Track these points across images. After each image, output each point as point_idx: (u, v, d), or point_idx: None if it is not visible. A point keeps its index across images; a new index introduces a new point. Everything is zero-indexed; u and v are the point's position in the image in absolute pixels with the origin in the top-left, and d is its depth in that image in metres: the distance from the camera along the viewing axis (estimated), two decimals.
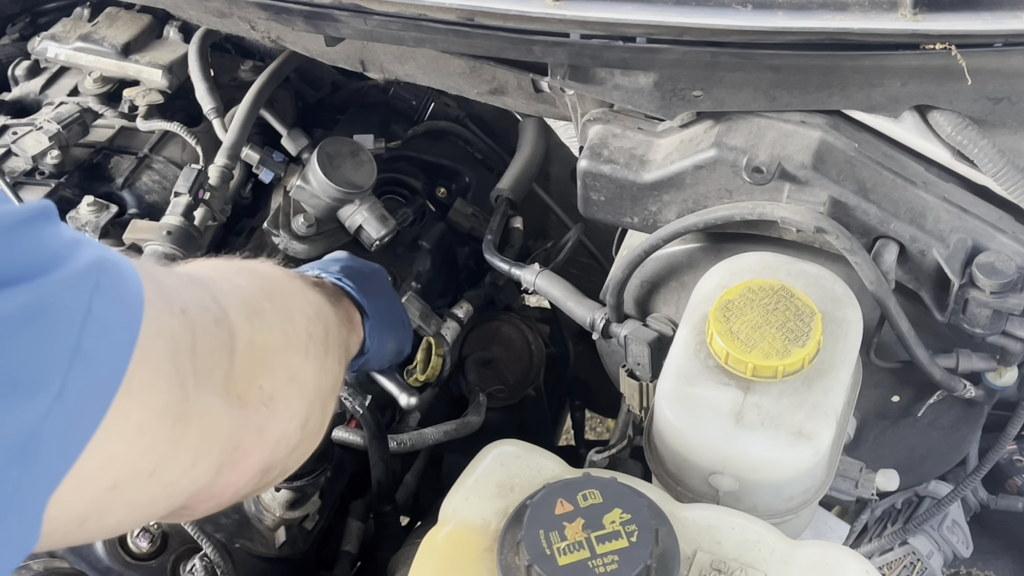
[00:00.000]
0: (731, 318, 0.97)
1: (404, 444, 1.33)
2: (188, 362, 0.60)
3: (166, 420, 0.58)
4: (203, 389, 0.62)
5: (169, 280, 0.64)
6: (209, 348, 0.64)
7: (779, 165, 1.04)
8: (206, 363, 0.63)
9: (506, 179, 1.57)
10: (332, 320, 0.88)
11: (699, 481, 0.98)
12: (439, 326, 1.44)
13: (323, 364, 0.81)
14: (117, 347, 0.55)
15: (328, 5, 1.09)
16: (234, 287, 0.74)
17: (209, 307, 0.66)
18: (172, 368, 0.59)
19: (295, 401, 0.75)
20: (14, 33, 1.69)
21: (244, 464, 0.69)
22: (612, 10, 0.99)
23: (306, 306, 0.83)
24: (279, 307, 0.78)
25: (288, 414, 0.73)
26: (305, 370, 0.77)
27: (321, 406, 0.80)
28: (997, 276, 1.02)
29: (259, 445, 0.70)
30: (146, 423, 0.56)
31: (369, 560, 1.37)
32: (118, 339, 0.55)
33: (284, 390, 0.73)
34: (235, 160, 1.41)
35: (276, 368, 0.73)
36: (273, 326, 0.75)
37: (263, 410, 0.70)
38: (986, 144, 1.01)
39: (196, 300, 0.65)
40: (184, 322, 0.61)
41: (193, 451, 0.62)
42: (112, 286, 0.55)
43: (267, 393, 0.70)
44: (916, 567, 1.40)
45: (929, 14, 0.94)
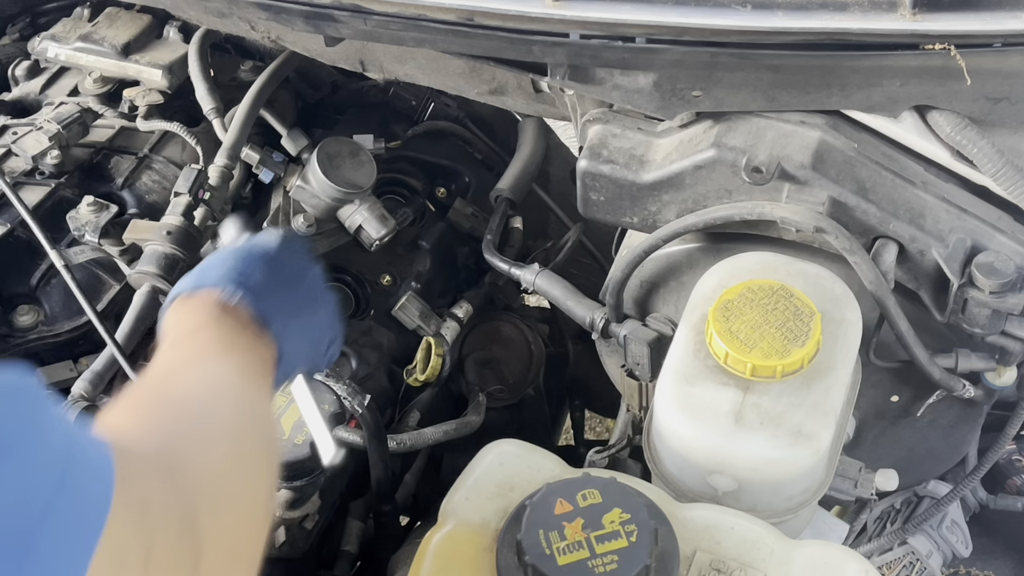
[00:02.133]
0: (730, 318, 0.97)
1: (404, 444, 1.33)
2: (137, 570, 0.55)
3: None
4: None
5: (138, 480, 0.58)
6: (167, 561, 0.58)
7: (778, 165, 1.04)
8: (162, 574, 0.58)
9: (506, 179, 1.58)
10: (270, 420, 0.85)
11: (698, 481, 0.98)
12: (439, 326, 1.44)
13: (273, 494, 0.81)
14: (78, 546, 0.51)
15: (328, 5, 1.09)
16: (209, 471, 0.68)
17: (177, 517, 0.61)
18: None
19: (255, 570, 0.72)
20: (14, 33, 1.69)
21: None
22: (612, 10, 0.99)
23: (267, 456, 0.78)
24: (252, 484, 0.74)
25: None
26: (262, 537, 0.75)
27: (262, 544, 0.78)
28: (996, 276, 1.02)
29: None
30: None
31: (369, 560, 1.37)
32: (79, 538, 0.52)
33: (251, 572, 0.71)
34: (235, 160, 1.41)
35: (242, 563, 0.70)
36: (244, 514, 0.72)
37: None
38: (985, 144, 1.01)
39: (162, 506, 0.59)
40: (140, 530, 0.56)
41: None
42: (79, 479, 0.52)
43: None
44: (915, 567, 1.40)
45: (928, 14, 0.94)
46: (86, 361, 1.37)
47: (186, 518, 0.61)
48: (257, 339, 0.88)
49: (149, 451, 0.65)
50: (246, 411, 0.79)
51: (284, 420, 1.20)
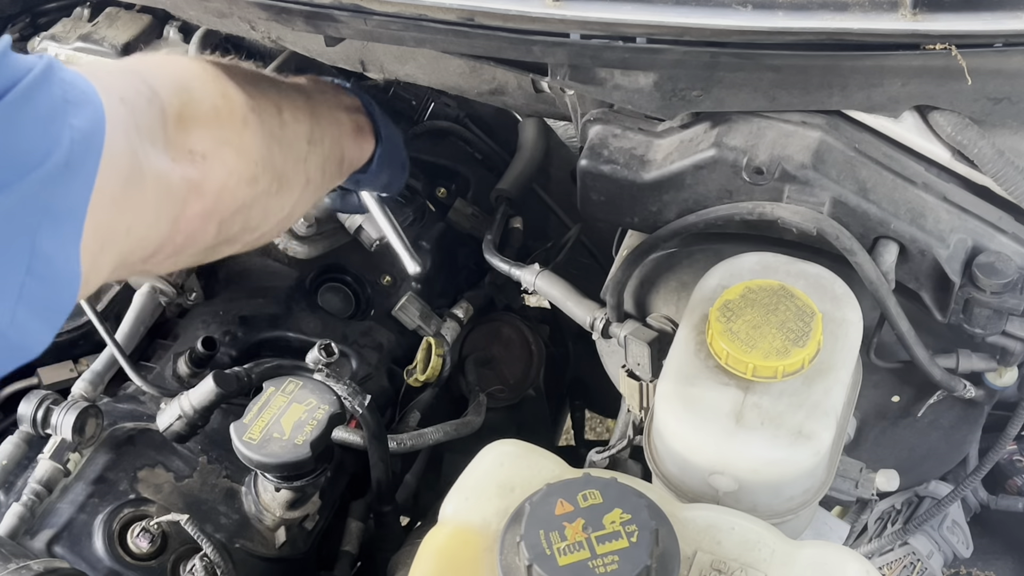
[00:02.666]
0: (731, 318, 0.97)
1: (404, 444, 1.33)
2: (135, 137, 0.73)
3: (128, 186, 0.71)
4: (148, 155, 0.75)
5: (104, 78, 0.75)
6: (147, 124, 0.77)
7: (779, 165, 1.04)
8: (147, 135, 0.76)
9: (506, 179, 1.58)
10: (301, 107, 1.02)
11: (699, 481, 0.98)
12: (439, 326, 1.44)
13: (273, 134, 0.94)
14: (93, 122, 0.67)
15: (328, 5, 1.09)
16: (168, 71, 0.87)
17: (141, 91, 0.79)
18: (126, 145, 0.71)
19: (232, 160, 0.87)
20: (14, 33, 1.69)
21: (190, 210, 0.82)
22: (612, 10, 0.99)
23: (249, 87, 0.94)
24: (210, 87, 0.90)
25: (225, 170, 0.86)
26: (243, 137, 0.90)
27: (275, 171, 0.94)
28: (997, 276, 1.02)
29: (200, 194, 0.83)
30: (117, 192, 0.69)
31: (369, 560, 1.38)
32: (92, 116, 0.68)
33: (217, 151, 0.85)
34: None
35: (204, 134, 0.85)
36: (201, 101, 0.87)
37: (196, 166, 0.82)
38: (986, 144, 1.01)
39: (130, 87, 0.78)
40: (124, 108, 0.74)
41: (153, 208, 0.76)
42: (70, 78, 0.68)
43: (199, 153, 0.83)
44: (916, 567, 1.40)
45: (929, 14, 0.94)
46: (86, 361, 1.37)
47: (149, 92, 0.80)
48: (363, 138, 1.15)
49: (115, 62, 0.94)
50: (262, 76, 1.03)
51: (284, 420, 1.20)
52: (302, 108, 1.03)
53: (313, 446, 1.18)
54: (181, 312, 1.40)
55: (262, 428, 1.19)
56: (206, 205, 0.84)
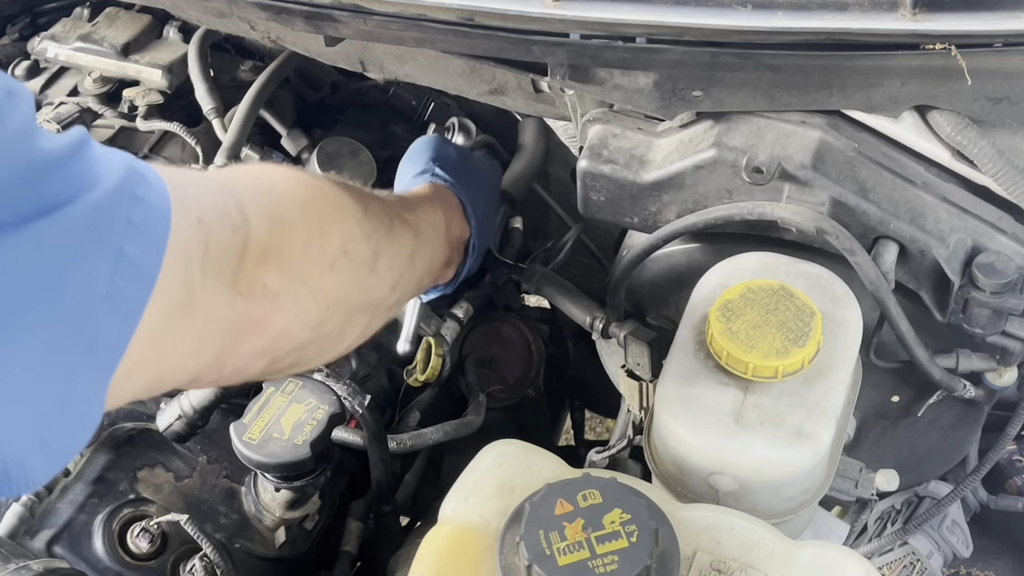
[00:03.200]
0: (731, 318, 0.97)
1: (404, 444, 1.33)
2: (198, 266, 0.67)
3: (173, 318, 0.65)
4: (209, 287, 0.68)
5: (190, 190, 0.69)
6: (221, 252, 0.70)
7: (779, 165, 1.04)
8: (216, 265, 0.69)
9: (506, 179, 1.57)
10: (401, 250, 0.95)
11: (699, 481, 0.98)
12: (439, 326, 1.43)
13: (358, 281, 0.88)
14: (153, 249, 0.62)
15: (328, 5, 1.09)
16: (269, 195, 0.80)
17: (229, 214, 0.72)
18: (182, 273, 0.65)
19: (304, 302, 0.80)
20: (14, 33, 1.69)
21: (243, 348, 0.76)
22: (612, 10, 0.99)
23: (353, 226, 0.88)
24: (312, 220, 0.83)
25: (294, 311, 0.79)
26: (324, 279, 0.83)
27: (345, 316, 0.87)
28: (997, 276, 1.02)
29: (259, 333, 0.77)
30: (156, 323, 0.62)
31: (369, 560, 1.37)
32: (153, 242, 0.62)
33: (291, 290, 0.79)
34: (235, 160, 1.41)
35: (285, 270, 0.78)
36: (294, 235, 0.80)
37: (266, 303, 0.76)
38: (986, 144, 1.01)
39: (216, 208, 0.71)
40: (199, 231, 0.67)
41: (197, 339, 0.69)
42: (145, 193, 0.62)
43: (272, 290, 0.76)
44: (916, 567, 1.40)
45: (929, 14, 0.94)
46: None
47: (238, 218, 0.73)
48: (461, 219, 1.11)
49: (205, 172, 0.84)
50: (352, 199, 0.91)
51: (284, 420, 1.20)
52: (402, 252, 0.96)
53: (313, 446, 1.18)
54: None
55: (262, 428, 1.19)
56: (262, 344, 0.78)
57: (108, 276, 0.58)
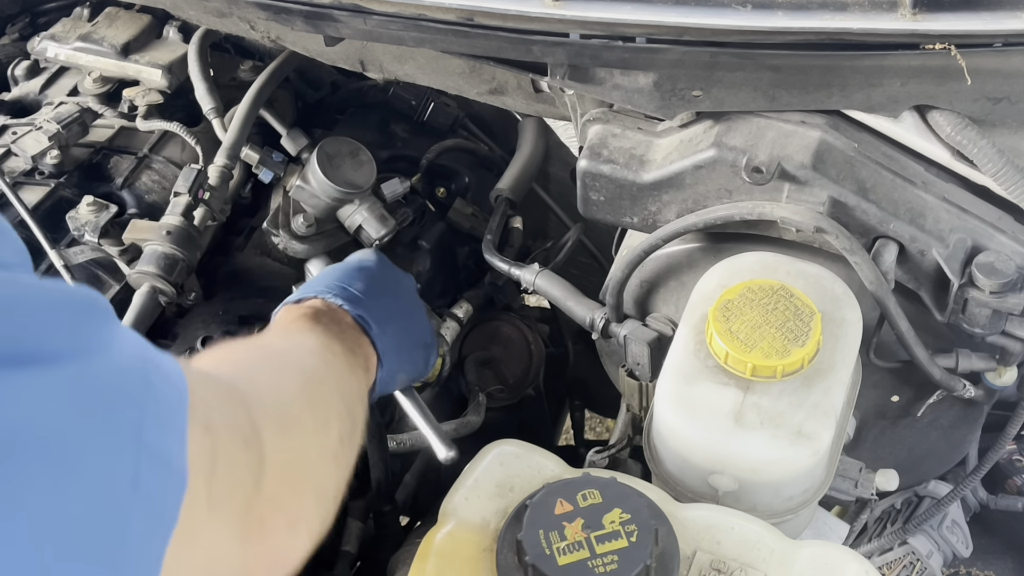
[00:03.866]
0: (731, 318, 0.97)
1: (404, 444, 1.33)
2: (203, 484, 0.55)
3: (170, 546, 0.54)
4: (217, 514, 0.57)
5: (200, 391, 0.58)
6: (231, 471, 0.59)
7: (779, 165, 1.04)
8: (225, 486, 0.58)
9: (506, 179, 1.57)
10: (358, 399, 0.85)
11: (699, 481, 0.98)
12: (439, 326, 1.44)
13: (348, 463, 0.78)
14: (175, 444, 0.51)
15: (328, 5, 1.09)
16: (276, 398, 0.70)
17: (241, 426, 0.62)
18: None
19: (319, 520, 0.71)
20: (14, 33, 1.69)
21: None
22: (612, 10, 0.99)
23: (340, 405, 0.79)
24: (319, 417, 0.74)
25: (310, 536, 0.70)
26: (333, 482, 0.74)
27: (336, 503, 0.77)
28: (997, 276, 1.02)
29: (273, 569, 0.67)
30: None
31: (369, 560, 1.37)
32: (175, 437, 0.52)
33: (312, 512, 0.70)
34: (235, 160, 1.41)
35: (306, 489, 0.69)
36: (310, 442, 0.71)
37: (285, 535, 0.66)
38: (986, 144, 1.01)
39: (226, 417, 0.61)
40: (204, 440, 0.56)
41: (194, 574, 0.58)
42: (160, 385, 0.52)
43: (294, 519, 0.67)
44: (916, 567, 1.40)
45: (929, 14, 0.94)
46: None
47: (249, 431, 0.62)
48: (358, 339, 0.95)
49: (215, 373, 0.66)
50: (326, 367, 0.82)
51: None
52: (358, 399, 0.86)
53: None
54: (181, 312, 1.39)
55: None
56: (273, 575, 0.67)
57: (132, 463, 0.47)
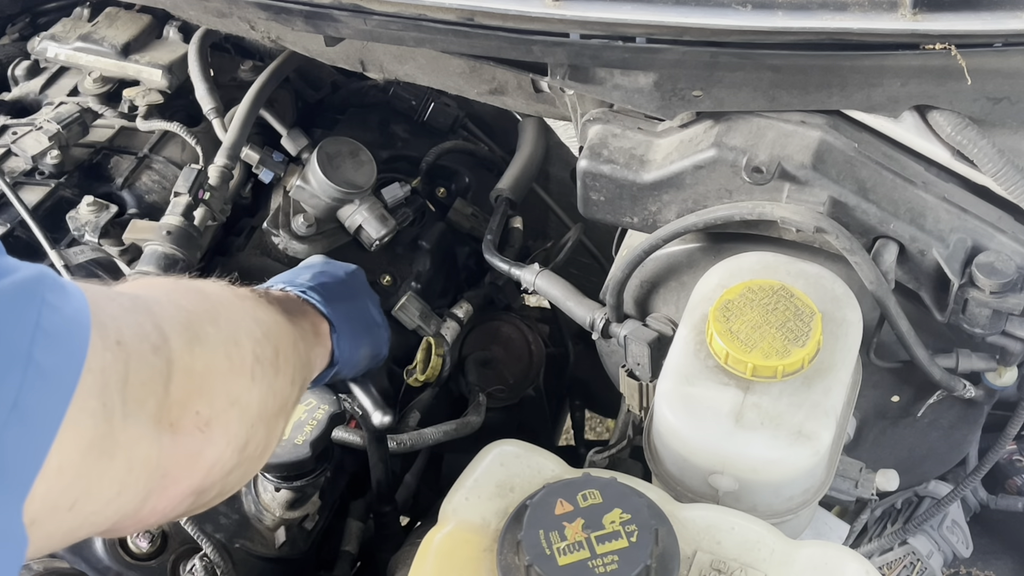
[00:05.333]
0: (731, 318, 0.97)
1: (404, 444, 1.33)
2: (117, 395, 0.59)
3: (89, 456, 0.56)
4: (131, 420, 0.60)
5: (108, 307, 0.62)
6: (143, 379, 0.62)
7: (779, 165, 1.04)
8: (138, 393, 0.61)
9: (506, 179, 1.58)
10: (286, 339, 0.86)
11: (699, 481, 0.98)
12: (439, 326, 1.44)
13: (271, 386, 0.79)
14: (68, 359, 0.54)
15: (328, 5, 1.09)
16: (179, 310, 0.72)
17: (148, 335, 0.64)
18: (99, 403, 0.57)
19: (234, 425, 0.73)
20: (14, 33, 1.69)
21: (174, 490, 0.68)
22: (612, 10, 0.99)
23: (254, 327, 0.80)
24: (225, 330, 0.75)
25: (225, 439, 0.72)
26: (250, 394, 0.76)
27: (265, 428, 0.78)
28: (997, 276, 1.02)
29: (191, 471, 0.69)
30: (66, 462, 0.54)
31: (369, 560, 1.37)
32: (68, 352, 0.54)
33: (223, 415, 0.71)
34: (235, 160, 1.41)
35: (216, 393, 0.71)
36: (216, 350, 0.73)
37: (198, 435, 0.68)
38: (986, 144, 1.01)
39: (135, 329, 0.63)
40: (118, 354, 0.59)
41: (118, 482, 0.60)
42: (58, 301, 0.55)
43: (204, 419, 0.69)
44: (916, 567, 1.40)
45: (929, 14, 0.94)
46: None
47: (157, 338, 0.65)
48: (302, 308, 0.98)
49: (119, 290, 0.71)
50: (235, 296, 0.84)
51: None
52: (289, 341, 0.87)
53: (313, 446, 1.18)
54: None
55: None
56: (192, 483, 0.70)
57: (16, 385, 0.50)
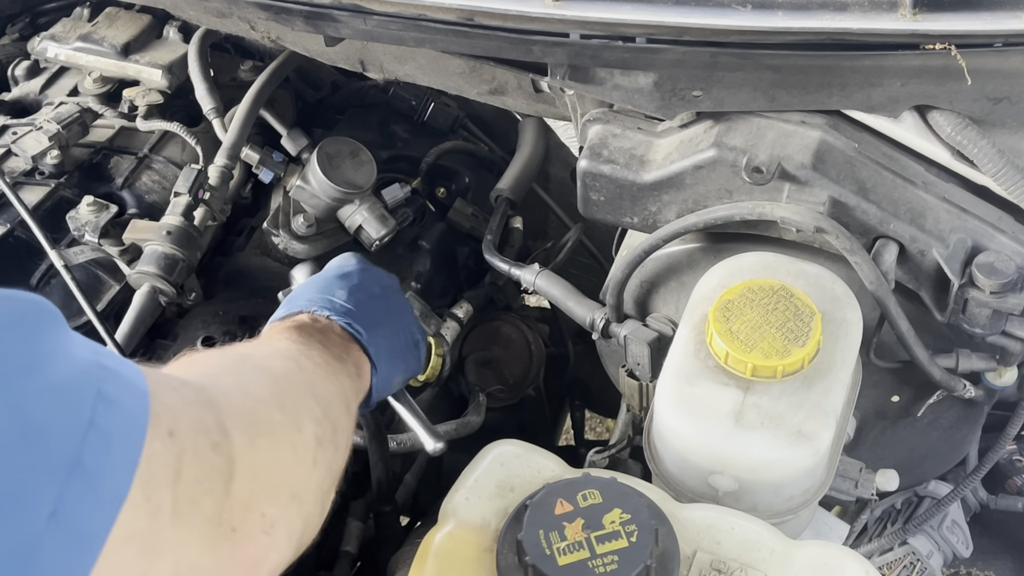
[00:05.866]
0: (731, 318, 0.97)
1: (404, 444, 1.33)
2: (167, 491, 0.55)
3: (124, 552, 0.52)
4: (182, 520, 0.56)
5: (166, 397, 0.58)
6: (198, 476, 0.58)
7: (779, 165, 1.04)
8: (191, 492, 0.57)
9: (506, 179, 1.58)
10: (339, 407, 0.82)
11: (699, 481, 0.98)
12: (439, 326, 1.44)
13: (330, 466, 0.76)
14: (121, 460, 0.51)
15: (328, 5, 1.09)
16: (246, 398, 0.69)
17: (208, 429, 0.61)
18: (142, 496, 0.53)
19: (295, 520, 0.69)
20: (14, 33, 1.69)
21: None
22: (612, 10, 0.99)
23: (315, 407, 0.77)
24: (290, 417, 0.72)
25: (287, 537, 0.68)
26: (309, 482, 0.72)
27: (320, 509, 0.75)
28: (997, 276, 1.02)
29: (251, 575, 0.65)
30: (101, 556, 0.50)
31: (369, 560, 1.37)
32: (121, 451, 0.51)
33: (287, 513, 0.67)
34: (235, 160, 1.41)
35: (280, 491, 0.67)
36: (281, 443, 0.69)
37: (263, 540, 0.65)
38: (986, 144, 1.01)
39: (192, 422, 0.60)
40: (169, 446, 0.56)
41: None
42: (116, 392, 0.52)
43: (269, 521, 0.64)
44: (916, 567, 1.40)
45: (929, 14, 0.94)
46: None
47: (218, 434, 0.61)
48: (346, 347, 0.92)
49: (181, 377, 0.66)
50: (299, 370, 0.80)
51: None
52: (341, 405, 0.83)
53: None
54: (181, 312, 1.39)
55: None
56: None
57: (56, 490, 0.47)
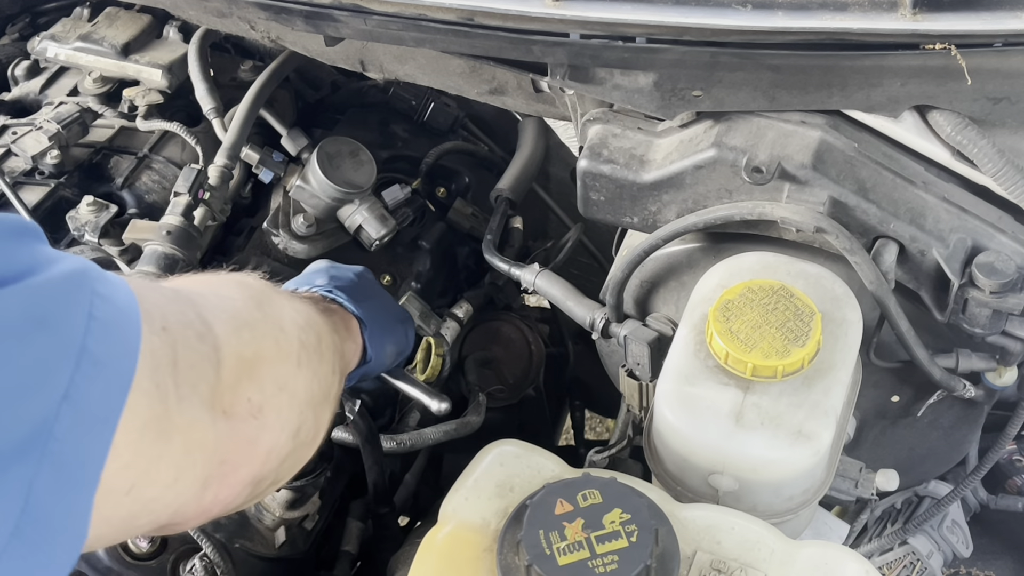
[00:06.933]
0: (731, 318, 0.97)
1: (404, 444, 1.33)
2: (169, 377, 0.60)
3: (145, 437, 0.57)
4: (186, 403, 0.61)
5: (151, 296, 0.63)
6: (191, 363, 0.63)
7: (779, 165, 1.04)
8: (188, 377, 0.62)
9: (506, 179, 1.58)
10: (324, 328, 0.87)
11: (699, 481, 0.98)
12: (439, 326, 1.44)
13: (316, 372, 0.80)
14: (123, 348, 0.55)
15: (328, 5, 1.09)
16: (221, 299, 0.73)
17: (192, 322, 0.65)
18: (151, 384, 0.58)
19: (286, 411, 0.74)
20: (14, 33, 1.69)
21: (233, 477, 0.68)
22: (612, 10, 0.99)
23: (296, 315, 0.82)
24: (270, 317, 0.77)
25: (279, 424, 0.73)
26: (297, 379, 0.77)
27: (314, 414, 0.80)
28: (997, 276, 1.02)
29: (249, 457, 0.70)
30: (120, 442, 0.54)
31: (369, 560, 1.37)
32: (123, 341, 0.55)
33: (274, 400, 0.72)
34: (235, 160, 1.41)
35: (265, 379, 0.72)
36: (264, 336, 0.74)
37: (252, 422, 0.69)
38: (986, 144, 1.01)
39: (178, 316, 0.64)
40: (164, 339, 0.60)
41: (175, 466, 0.61)
42: (107, 291, 0.56)
43: (256, 405, 0.70)
44: (916, 567, 1.40)
45: (929, 14, 0.94)
46: None
47: (201, 326, 0.66)
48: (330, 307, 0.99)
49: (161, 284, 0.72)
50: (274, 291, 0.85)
51: None
52: (328, 330, 0.89)
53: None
54: None
55: None
56: (252, 470, 0.70)
57: (68, 375, 0.51)
